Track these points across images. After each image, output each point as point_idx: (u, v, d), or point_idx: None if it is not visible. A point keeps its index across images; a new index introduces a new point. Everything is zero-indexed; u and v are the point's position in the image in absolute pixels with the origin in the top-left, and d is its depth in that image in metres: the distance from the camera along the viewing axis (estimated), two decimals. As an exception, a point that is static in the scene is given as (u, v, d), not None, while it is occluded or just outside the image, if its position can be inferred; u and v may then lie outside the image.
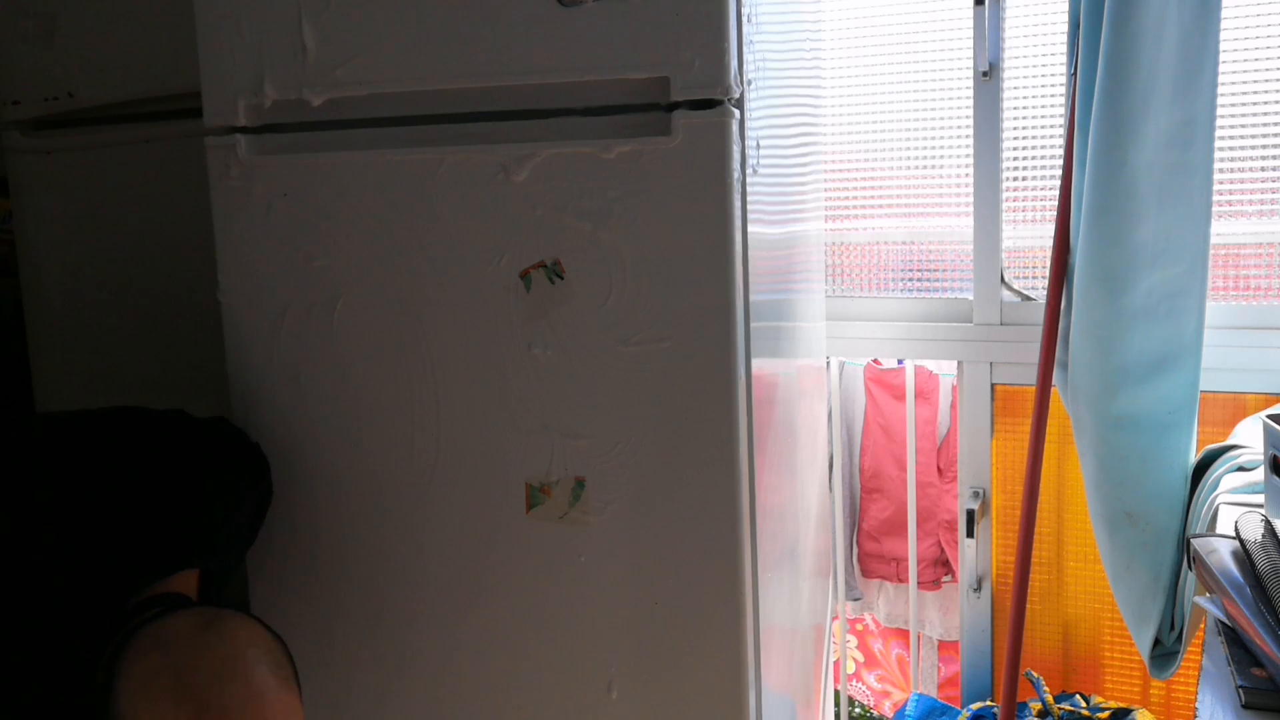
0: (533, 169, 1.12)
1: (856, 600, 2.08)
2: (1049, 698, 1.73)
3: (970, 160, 1.81)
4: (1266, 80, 1.66)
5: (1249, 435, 1.47)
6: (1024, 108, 1.79)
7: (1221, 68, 1.42)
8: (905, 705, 1.94)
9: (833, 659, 1.98)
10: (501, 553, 1.19)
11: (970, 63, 1.79)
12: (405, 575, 1.22)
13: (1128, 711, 1.74)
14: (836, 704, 2.06)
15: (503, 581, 1.19)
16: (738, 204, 1.09)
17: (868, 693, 2.17)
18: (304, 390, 1.21)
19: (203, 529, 1.08)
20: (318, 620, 1.25)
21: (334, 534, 1.23)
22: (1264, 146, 1.68)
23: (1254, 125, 1.67)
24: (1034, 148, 1.80)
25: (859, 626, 2.14)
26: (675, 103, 1.08)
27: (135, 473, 1.07)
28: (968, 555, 1.88)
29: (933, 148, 1.89)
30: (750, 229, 1.12)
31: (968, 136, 1.82)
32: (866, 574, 2.06)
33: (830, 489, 1.93)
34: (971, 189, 1.81)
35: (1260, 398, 1.66)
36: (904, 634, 2.10)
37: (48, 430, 1.12)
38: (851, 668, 2.14)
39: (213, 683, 0.91)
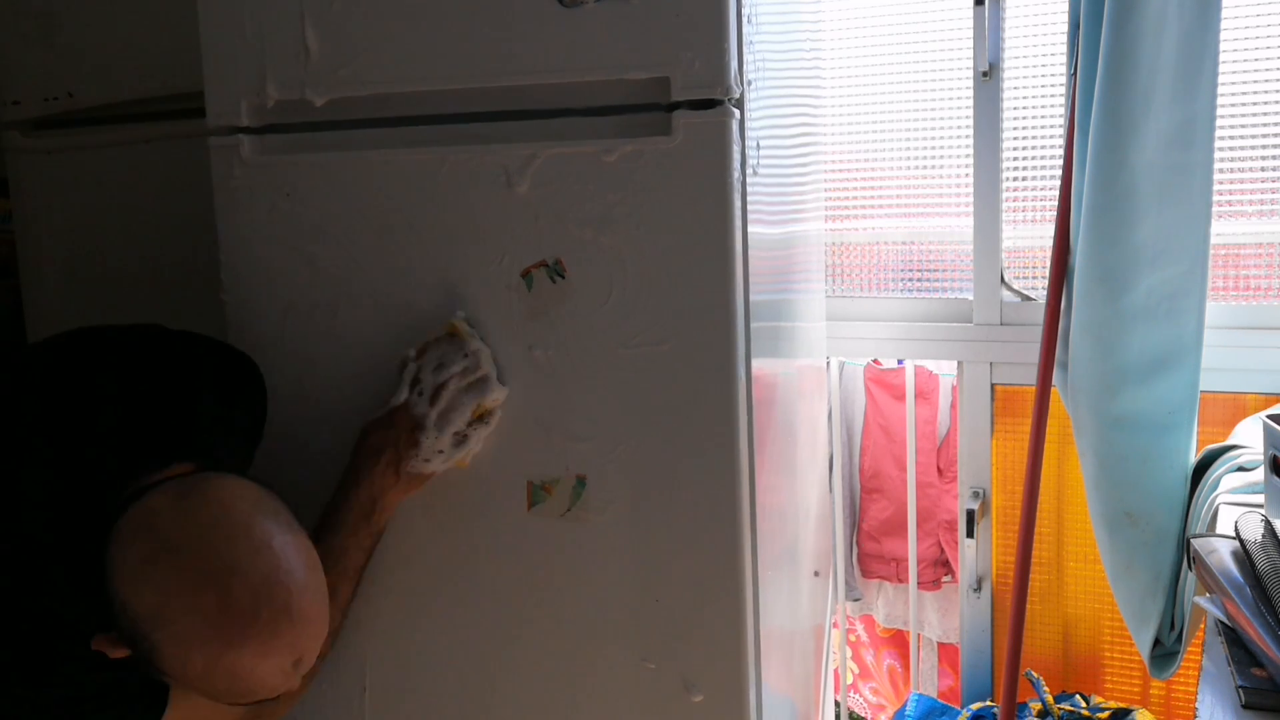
0: (534, 170, 1.12)
1: (856, 600, 2.08)
2: (1049, 698, 1.73)
3: (970, 160, 1.81)
4: (1266, 80, 1.66)
5: (1249, 435, 1.47)
6: (1024, 108, 1.79)
7: (1221, 68, 1.42)
8: (905, 705, 1.94)
9: (833, 663, 1.98)
10: (502, 550, 1.19)
11: (970, 63, 1.79)
12: (406, 573, 1.22)
13: (1128, 711, 1.74)
14: (837, 716, 2.06)
15: (503, 578, 1.19)
16: (738, 204, 1.09)
17: (864, 705, 2.16)
18: (306, 390, 1.21)
19: (190, 422, 1.03)
20: (319, 620, 1.25)
21: (335, 534, 1.23)
22: (1264, 146, 1.68)
23: (1254, 125, 1.67)
24: (1034, 148, 1.80)
25: (851, 637, 2.13)
26: (675, 103, 1.08)
27: (122, 374, 1.03)
28: (968, 555, 1.88)
29: (933, 148, 1.89)
30: (750, 229, 1.13)
31: (968, 136, 1.82)
32: (866, 574, 2.06)
33: (830, 489, 1.93)
34: (971, 189, 1.81)
35: (1260, 398, 1.66)
36: (898, 643, 2.10)
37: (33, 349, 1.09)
38: (849, 679, 2.14)
39: (213, 548, 0.87)
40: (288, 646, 0.90)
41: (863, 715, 2.16)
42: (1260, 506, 1.18)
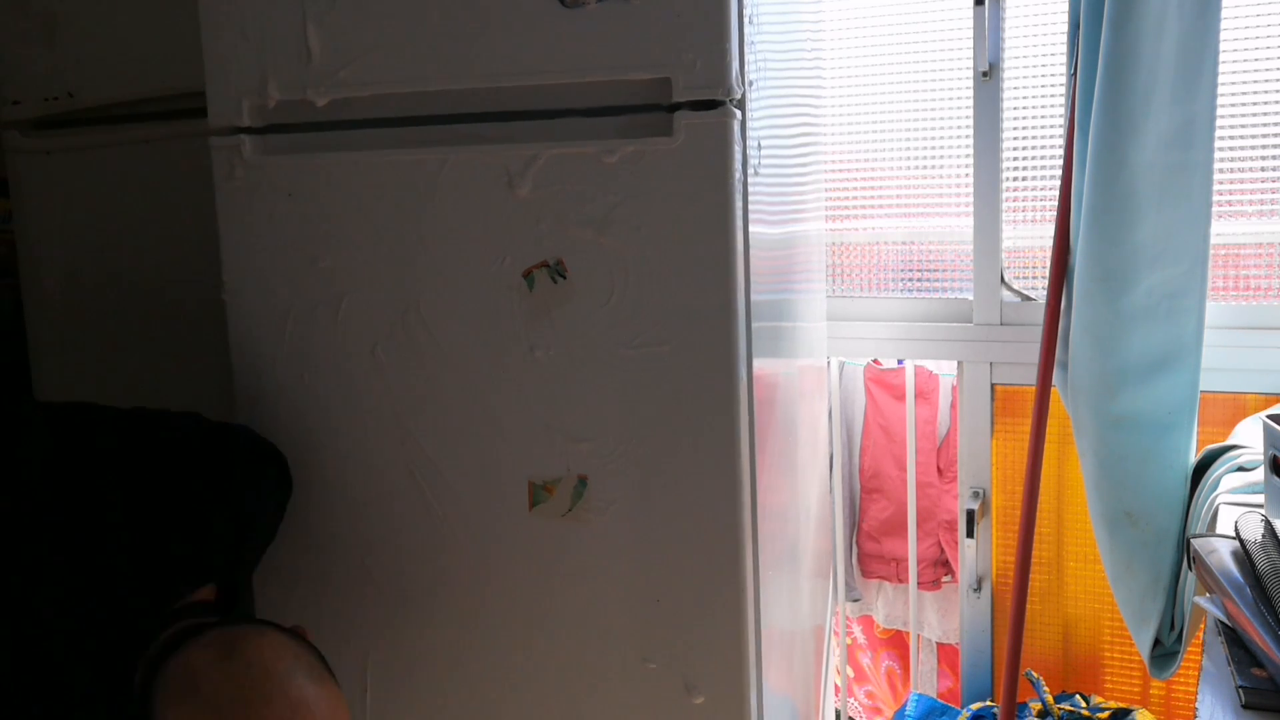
0: (535, 170, 1.12)
1: (856, 601, 2.09)
2: (1049, 698, 1.73)
3: (970, 160, 1.81)
4: (1266, 80, 1.66)
5: (1249, 435, 1.47)
6: (1024, 108, 1.79)
7: (1221, 68, 1.42)
8: (905, 704, 1.94)
9: (833, 663, 1.97)
10: (504, 551, 1.19)
11: (970, 63, 1.79)
12: (407, 574, 1.22)
13: (1128, 711, 1.74)
14: (837, 718, 2.06)
15: (505, 579, 1.19)
16: (739, 204, 1.09)
17: (859, 709, 2.16)
18: (308, 390, 1.21)
19: (223, 546, 1.08)
20: (320, 620, 1.24)
21: (335, 533, 1.23)
22: (1264, 146, 1.68)
23: (1254, 125, 1.68)
24: (1034, 148, 1.80)
25: (848, 640, 2.13)
26: (677, 103, 1.08)
27: (152, 488, 1.06)
28: (968, 555, 1.88)
29: (933, 148, 1.89)
30: (751, 229, 1.13)
31: (968, 136, 1.82)
32: (866, 574, 2.06)
33: (830, 489, 1.94)
34: (971, 189, 1.81)
35: (1260, 398, 1.66)
36: (896, 644, 2.10)
37: (57, 429, 1.09)
38: (842, 682, 2.14)
39: (255, 711, 0.93)
40: None
41: (852, 718, 2.16)
42: (1260, 506, 1.18)
